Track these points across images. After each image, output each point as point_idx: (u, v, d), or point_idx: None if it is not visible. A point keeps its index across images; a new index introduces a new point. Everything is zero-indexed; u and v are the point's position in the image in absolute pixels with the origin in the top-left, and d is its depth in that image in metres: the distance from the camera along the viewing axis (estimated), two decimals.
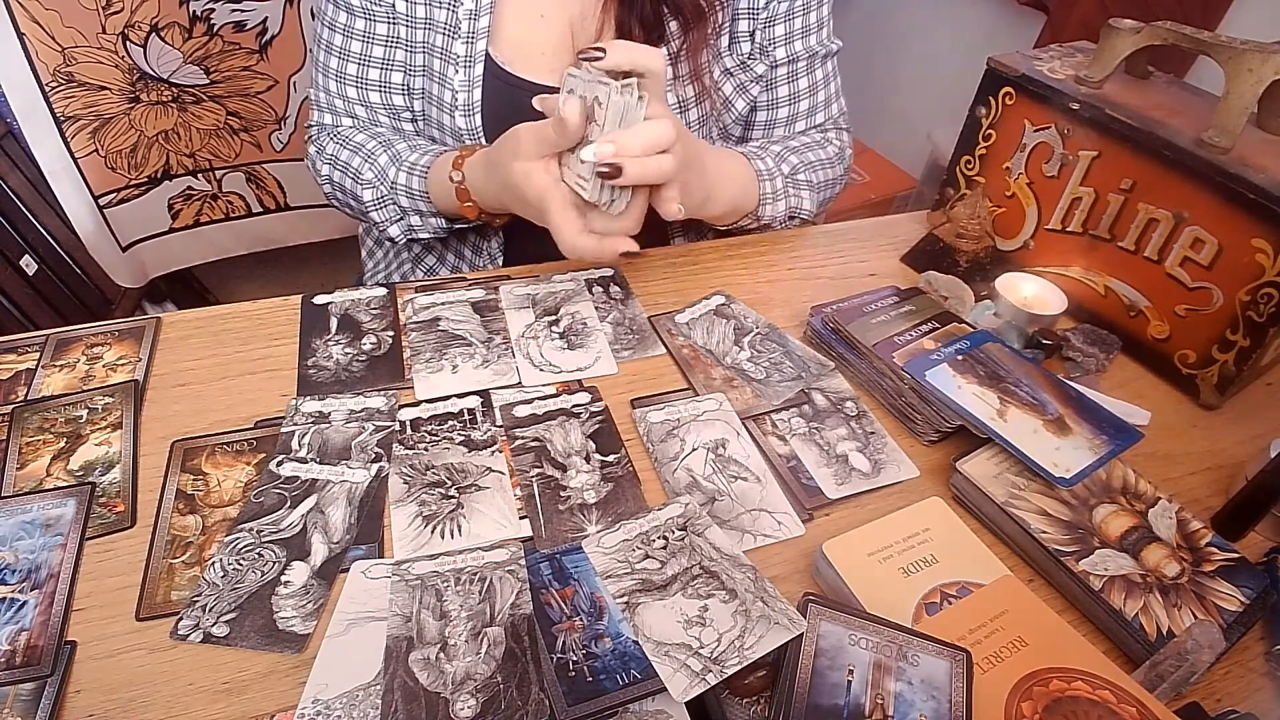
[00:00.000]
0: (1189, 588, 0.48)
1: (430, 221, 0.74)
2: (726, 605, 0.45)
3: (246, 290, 1.79)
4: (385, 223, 0.75)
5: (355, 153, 0.74)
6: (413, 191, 0.71)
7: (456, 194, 0.67)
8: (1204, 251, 0.62)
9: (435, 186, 0.70)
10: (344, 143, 0.75)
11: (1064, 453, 0.54)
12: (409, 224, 0.75)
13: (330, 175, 0.77)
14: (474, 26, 0.70)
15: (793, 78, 0.78)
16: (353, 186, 0.75)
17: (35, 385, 0.59)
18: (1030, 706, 0.41)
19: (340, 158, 0.75)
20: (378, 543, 0.49)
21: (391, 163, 0.72)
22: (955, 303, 0.70)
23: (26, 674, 0.42)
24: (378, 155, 0.73)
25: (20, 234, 1.33)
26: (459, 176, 0.67)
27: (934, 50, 1.91)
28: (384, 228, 0.75)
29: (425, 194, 0.71)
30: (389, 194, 0.73)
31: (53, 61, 1.20)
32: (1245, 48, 0.59)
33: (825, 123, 0.83)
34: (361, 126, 0.77)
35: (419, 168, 0.71)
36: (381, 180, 0.73)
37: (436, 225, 0.74)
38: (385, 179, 0.73)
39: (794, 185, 0.77)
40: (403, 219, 0.74)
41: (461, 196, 0.67)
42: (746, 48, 0.76)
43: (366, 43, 0.72)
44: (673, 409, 0.59)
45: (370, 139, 0.74)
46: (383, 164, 0.73)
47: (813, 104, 0.80)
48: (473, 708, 0.40)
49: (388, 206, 0.74)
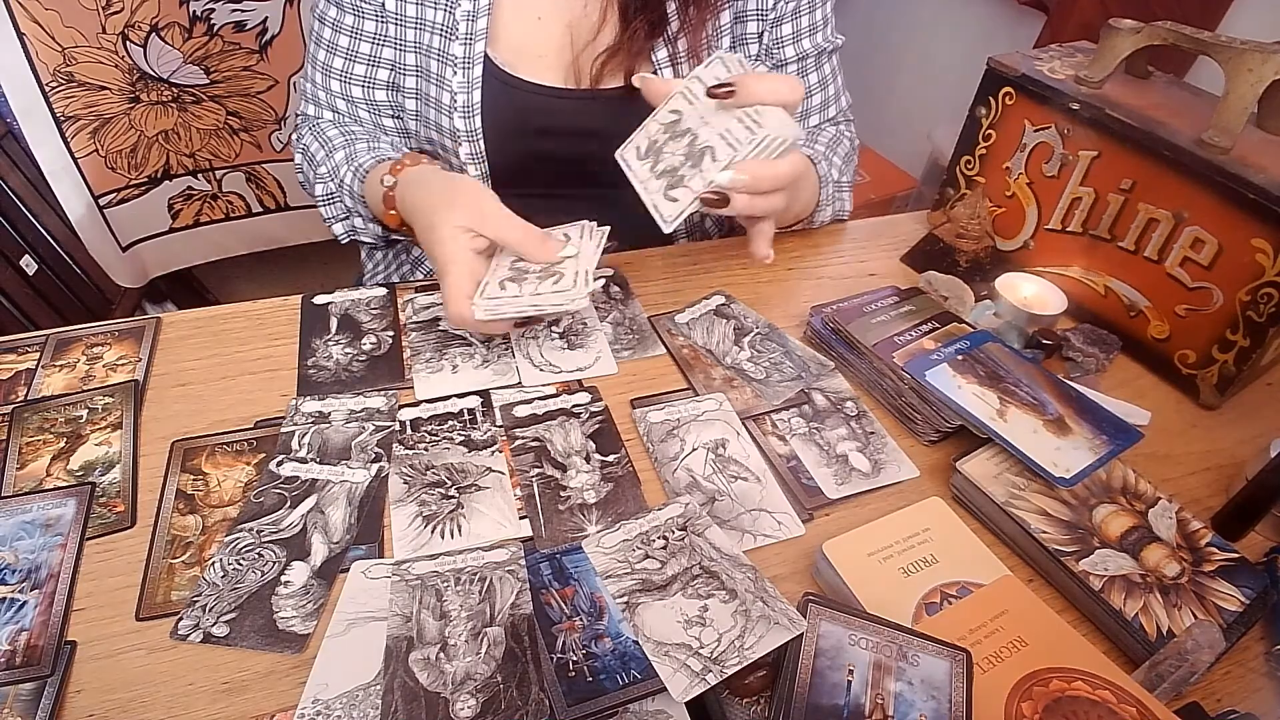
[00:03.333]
0: (1189, 588, 0.48)
1: (370, 226, 0.74)
2: (726, 605, 0.45)
3: (246, 290, 1.79)
4: (331, 220, 0.75)
5: (322, 146, 0.75)
6: (354, 192, 0.72)
7: (383, 198, 0.67)
8: (1204, 251, 0.62)
9: (369, 187, 0.70)
10: (317, 135, 0.76)
11: (1064, 453, 0.54)
12: (352, 224, 0.75)
13: (301, 166, 0.78)
14: (472, 28, 0.70)
15: (804, 74, 0.79)
16: (311, 180, 0.75)
17: (35, 385, 0.59)
18: (1030, 707, 0.41)
19: (310, 150, 0.76)
20: (378, 543, 0.49)
21: (345, 160, 0.72)
22: (955, 303, 0.70)
23: (26, 674, 0.42)
24: (335, 151, 0.73)
25: (20, 234, 1.33)
26: (391, 181, 0.66)
27: (934, 50, 1.91)
28: (330, 224, 0.76)
29: (364, 197, 0.71)
30: (336, 191, 0.73)
31: (53, 61, 1.20)
32: (1245, 48, 0.59)
33: (836, 115, 0.84)
34: (339, 121, 0.77)
35: (362, 169, 0.71)
36: (332, 176, 0.73)
37: (374, 231, 0.74)
38: (336, 176, 0.73)
39: (839, 189, 0.79)
40: (347, 218, 0.75)
41: (387, 202, 0.67)
42: (754, 49, 0.76)
43: (354, 38, 0.73)
44: (673, 409, 0.59)
45: (340, 134, 0.75)
46: (337, 160, 0.73)
47: (824, 98, 0.81)
48: (473, 708, 0.40)
49: (335, 204, 0.74)
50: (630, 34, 0.70)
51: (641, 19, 0.69)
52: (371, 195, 0.69)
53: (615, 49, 0.70)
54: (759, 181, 0.53)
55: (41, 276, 1.35)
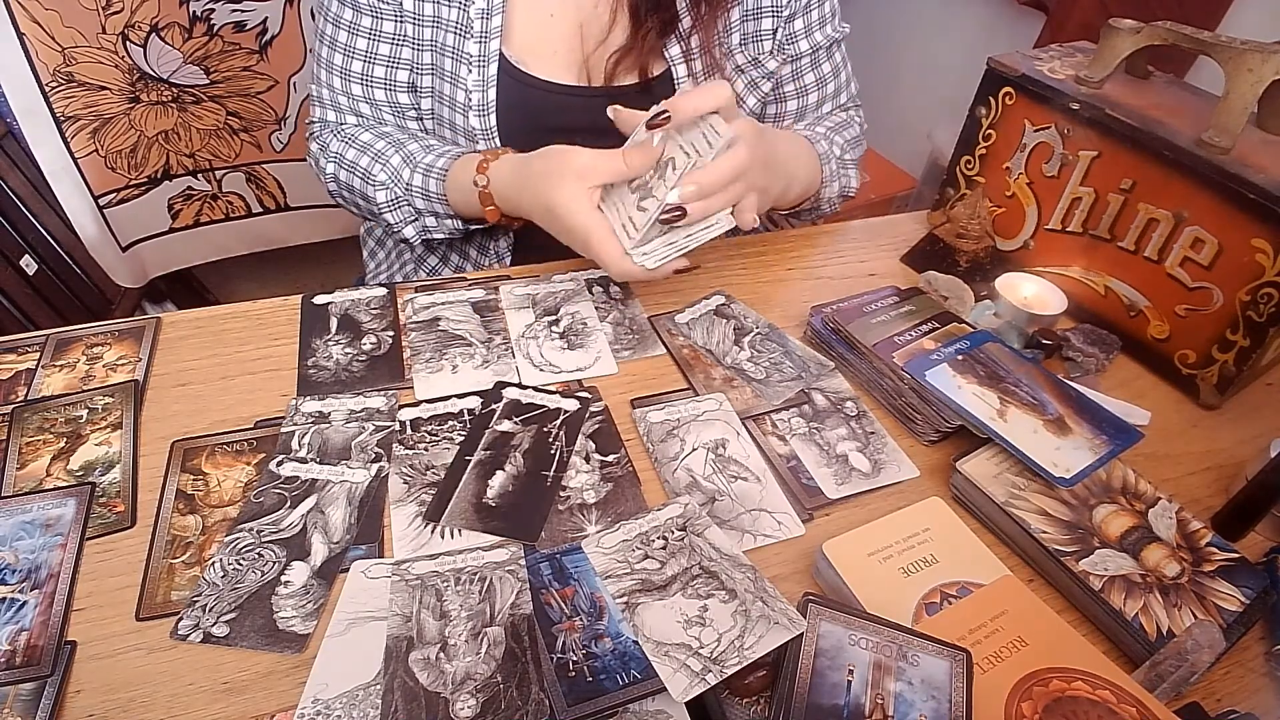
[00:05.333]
0: (1189, 588, 0.48)
1: (446, 223, 0.74)
2: (726, 605, 0.45)
3: (246, 290, 1.79)
4: (400, 224, 0.75)
5: (363, 152, 0.74)
6: (429, 194, 0.71)
7: (479, 197, 0.67)
8: (1204, 251, 0.62)
9: (455, 190, 0.70)
10: (350, 141, 0.75)
11: (1064, 453, 0.54)
12: (424, 225, 0.75)
13: (336, 174, 0.76)
14: (487, 26, 0.70)
15: (816, 65, 0.80)
16: (363, 187, 0.74)
17: (35, 385, 0.59)
18: (1030, 706, 0.41)
19: (347, 157, 0.75)
20: (378, 543, 0.49)
21: (405, 164, 0.72)
22: (955, 303, 0.70)
23: (26, 674, 0.42)
24: (390, 156, 0.73)
25: (20, 234, 1.32)
26: (484, 181, 0.67)
27: (934, 50, 1.91)
28: (399, 229, 0.75)
29: (443, 197, 0.71)
30: (404, 195, 0.73)
31: (53, 61, 1.20)
32: (1245, 48, 0.59)
33: (847, 102, 0.86)
34: (366, 125, 0.77)
35: (436, 169, 0.71)
36: (395, 181, 0.73)
37: (452, 227, 0.74)
38: (399, 180, 0.72)
39: (843, 165, 0.80)
40: (417, 220, 0.74)
41: (484, 200, 0.67)
42: (768, 45, 0.77)
43: (373, 40, 0.72)
44: (673, 409, 0.59)
45: (378, 138, 0.74)
46: (396, 165, 0.72)
47: (836, 86, 0.83)
48: (473, 708, 0.40)
49: (402, 208, 0.74)
50: (642, 34, 0.71)
51: (653, 18, 0.70)
52: (461, 196, 0.70)
53: (628, 48, 0.71)
54: (704, 188, 0.57)
55: (41, 276, 1.35)
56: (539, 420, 0.57)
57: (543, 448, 0.55)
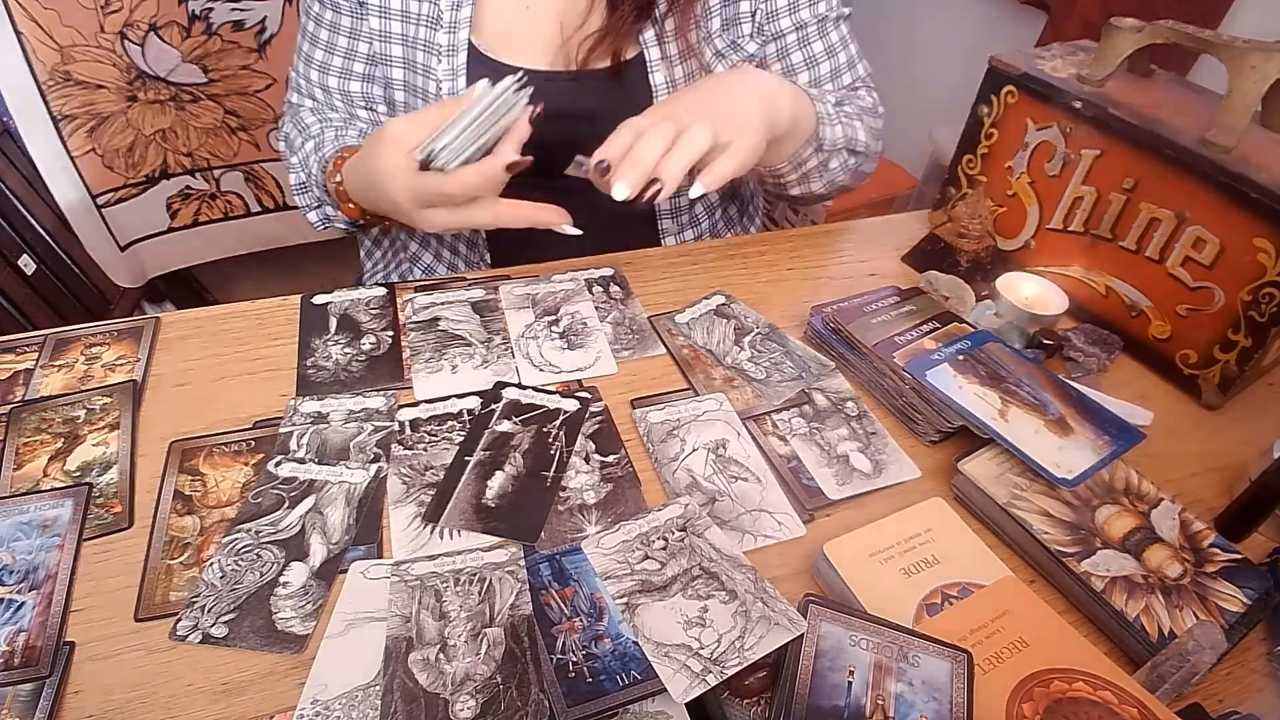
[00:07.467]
0: (1191, 589, 0.48)
1: (339, 214, 0.75)
2: (726, 606, 0.44)
3: (246, 290, 1.79)
4: (306, 208, 0.77)
5: (300, 134, 0.76)
6: (319, 182, 0.73)
7: (338, 194, 0.70)
8: (1206, 251, 0.62)
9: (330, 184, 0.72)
10: (296, 123, 0.78)
11: (1066, 453, 0.54)
12: (325, 213, 0.76)
13: (283, 153, 0.79)
14: (455, 16, 0.71)
15: (804, 43, 0.78)
16: (289, 166, 0.77)
17: (33, 385, 0.58)
18: (1031, 707, 0.41)
19: (290, 137, 0.78)
20: (377, 543, 0.49)
21: (314, 150, 0.74)
22: (956, 303, 0.70)
23: (25, 675, 0.42)
24: (308, 141, 0.75)
25: (18, 234, 1.32)
26: (339, 179, 0.69)
27: (935, 49, 1.91)
28: (304, 213, 0.77)
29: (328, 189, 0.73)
30: (307, 180, 0.75)
31: (50, 60, 1.20)
32: (1248, 46, 0.59)
33: (854, 83, 0.82)
34: (317, 110, 0.79)
35: (326, 161, 0.72)
36: (303, 166, 0.75)
37: (344, 218, 0.75)
38: (307, 165, 0.74)
39: (844, 114, 0.74)
40: (319, 207, 0.76)
41: (342, 198, 0.70)
42: (747, 28, 0.76)
43: (333, 32, 0.74)
44: (673, 409, 0.59)
45: (316, 122, 0.76)
46: (308, 150, 0.74)
47: (834, 66, 0.80)
48: (472, 708, 0.40)
49: (307, 192, 0.76)
50: (618, 18, 0.70)
51: (629, 4, 0.70)
52: (332, 192, 0.72)
53: (603, 32, 0.71)
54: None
55: (40, 276, 1.35)
56: (539, 420, 0.57)
57: (542, 448, 0.55)
